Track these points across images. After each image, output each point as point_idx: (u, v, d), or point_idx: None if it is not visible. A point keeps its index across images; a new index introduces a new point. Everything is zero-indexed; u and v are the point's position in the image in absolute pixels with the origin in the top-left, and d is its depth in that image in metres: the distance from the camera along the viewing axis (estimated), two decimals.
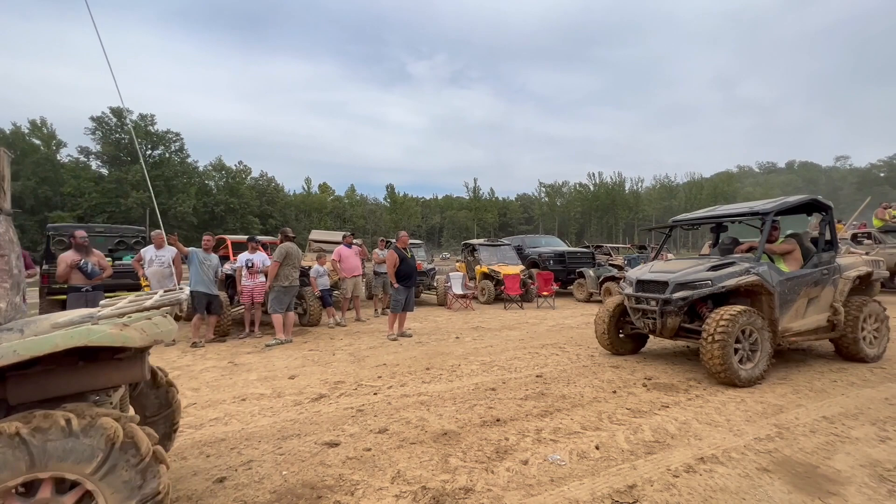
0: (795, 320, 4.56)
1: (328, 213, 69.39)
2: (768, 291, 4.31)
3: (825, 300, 4.77)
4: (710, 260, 4.73)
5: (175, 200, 50.67)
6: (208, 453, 2.92)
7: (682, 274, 4.49)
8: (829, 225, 4.96)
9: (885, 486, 2.37)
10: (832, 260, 4.88)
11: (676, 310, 4.41)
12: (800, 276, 4.57)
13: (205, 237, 6.91)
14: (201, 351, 6.15)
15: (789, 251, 4.83)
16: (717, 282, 4.25)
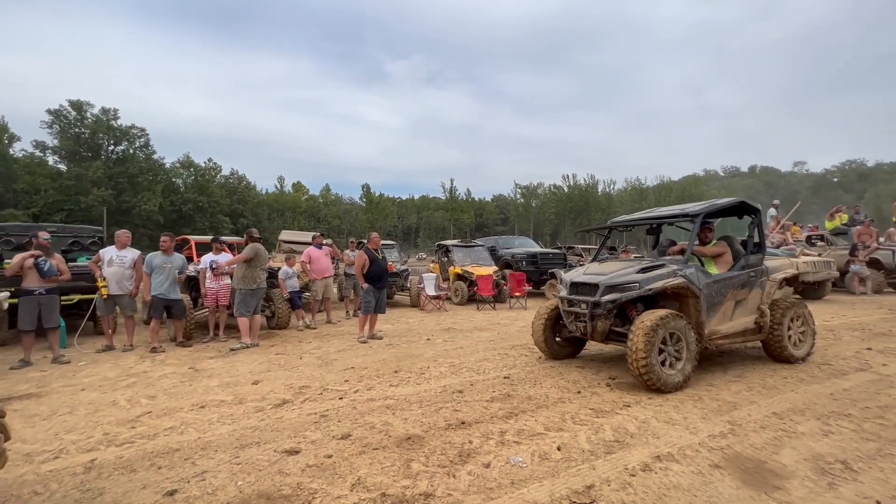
0: (723, 322, 4.58)
1: (302, 212, 68.13)
2: (694, 294, 4.29)
3: (753, 302, 4.81)
4: (642, 262, 4.69)
5: (140, 198, 48.65)
6: (160, 465, 2.81)
7: (612, 276, 4.41)
8: (757, 227, 4.99)
9: (826, 479, 2.49)
10: (760, 262, 4.92)
11: (606, 313, 4.33)
12: (727, 278, 4.58)
13: (162, 238, 6.67)
14: (161, 356, 5.92)
15: (720, 253, 4.85)
16: (645, 284, 4.19)
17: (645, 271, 4.33)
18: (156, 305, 6.33)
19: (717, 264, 4.82)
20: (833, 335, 6.45)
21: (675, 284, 4.21)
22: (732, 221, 5.99)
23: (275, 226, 57.78)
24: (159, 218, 50.04)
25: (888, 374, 4.45)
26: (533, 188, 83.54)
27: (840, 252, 12.26)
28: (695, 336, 4.19)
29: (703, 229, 4.93)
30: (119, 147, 51.98)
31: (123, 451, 3.01)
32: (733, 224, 5.71)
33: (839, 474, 2.54)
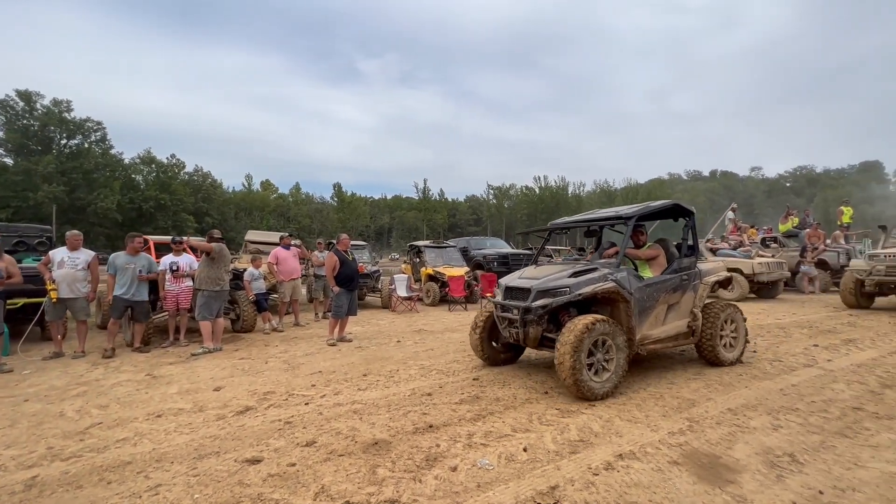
0: (655, 327, 4.50)
1: (271, 211, 66.41)
2: (625, 299, 4.19)
3: (685, 306, 4.76)
4: (576, 266, 4.56)
5: (96, 195, 46.14)
6: (109, 479, 2.66)
7: (544, 281, 4.28)
8: (691, 230, 4.98)
9: (775, 472, 2.62)
10: (693, 265, 4.86)
11: (537, 319, 4.16)
12: (659, 282, 4.51)
13: (136, 238, 6.41)
14: (115, 362, 5.63)
15: (654, 256, 4.80)
16: (576, 289, 4.06)
17: (577, 275, 4.21)
18: (117, 306, 6.04)
19: (652, 267, 4.78)
20: (784, 332, 6.81)
21: (605, 289, 4.09)
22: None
23: (242, 225, 56.11)
24: (117, 216, 47.59)
25: (832, 370, 4.73)
26: (505, 189, 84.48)
27: (791, 253, 12.98)
28: (625, 342, 4.08)
29: (635, 232, 4.88)
30: (72, 141, 49.16)
31: (69, 466, 2.83)
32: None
33: (787, 467, 2.68)
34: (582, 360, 3.75)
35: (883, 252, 8.96)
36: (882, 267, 8.67)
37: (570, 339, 3.76)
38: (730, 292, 10.90)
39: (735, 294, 10.77)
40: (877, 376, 4.46)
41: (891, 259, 8.65)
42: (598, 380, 3.90)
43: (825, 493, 2.39)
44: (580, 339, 3.75)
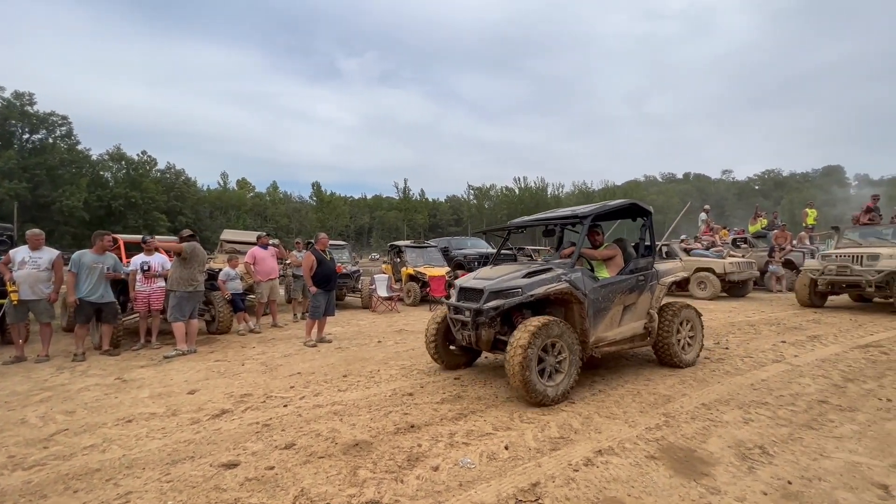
0: (611, 329, 4.40)
1: (247, 210, 64.98)
2: (578, 300, 4.05)
3: (642, 307, 4.68)
4: (531, 266, 4.43)
5: (61, 193, 44.23)
6: (76, 488, 2.55)
7: (497, 281, 4.13)
8: (649, 230, 4.93)
9: (746, 464, 2.71)
10: (650, 266, 4.77)
11: (489, 321, 4.00)
12: (614, 282, 4.42)
13: (105, 236, 6.14)
14: (82, 366, 5.40)
15: (610, 256, 4.72)
16: (527, 290, 3.91)
17: (531, 276, 4.07)
18: (84, 309, 5.78)
19: (609, 268, 4.70)
20: (754, 329, 7.05)
21: (558, 290, 3.95)
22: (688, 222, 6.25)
23: (217, 224, 54.70)
24: (84, 215, 45.76)
25: (799, 365, 4.92)
26: (486, 189, 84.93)
27: (760, 254, 13.47)
28: (578, 344, 3.97)
29: (592, 232, 4.81)
30: (36, 135, 46.98)
31: (32, 475, 2.70)
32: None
33: (758, 459, 2.77)
34: (532, 363, 3.61)
35: (834, 252, 9.25)
36: (833, 267, 8.90)
37: (519, 341, 3.61)
38: (702, 291, 11.24)
39: (707, 293, 11.11)
40: (839, 370, 4.67)
41: (841, 259, 8.90)
42: (550, 383, 3.76)
43: (793, 482, 2.48)
44: (530, 341, 3.61)
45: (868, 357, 5.20)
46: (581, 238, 4.46)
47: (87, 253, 5.94)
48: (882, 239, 9.44)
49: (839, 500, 2.31)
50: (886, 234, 9.59)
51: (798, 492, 2.39)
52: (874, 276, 8.25)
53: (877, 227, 10.06)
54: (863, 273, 8.40)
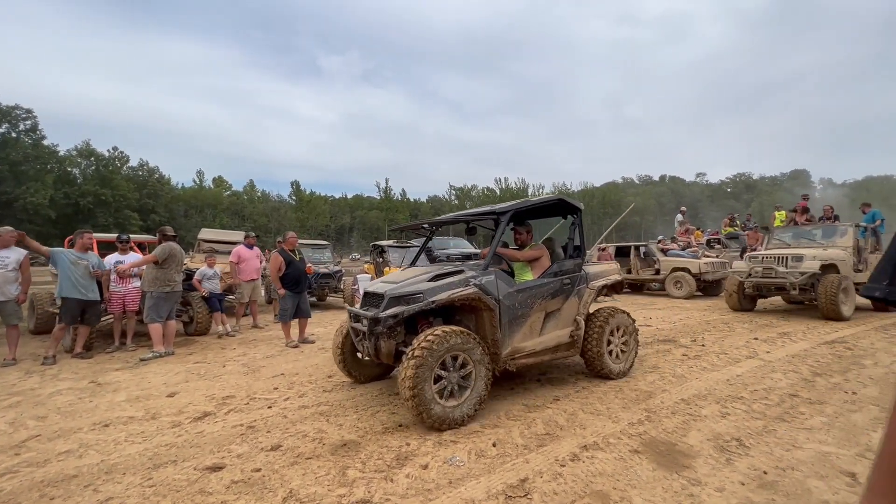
0: (530, 338, 3.96)
1: (224, 209, 63.55)
2: (488, 306, 3.61)
3: (568, 313, 4.23)
4: (443, 267, 3.98)
5: (25, 190, 42.35)
6: (52, 495, 2.46)
7: (399, 286, 3.67)
8: (578, 228, 4.56)
9: (724, 456, 2.81)
10: (578, 268, 4.35)
11: (387, 330, 3.46)
12: (534, 286, 3.99)
13: (86, 235, 5.94)
14: (53, 370, 5.20)
15: (535, 258, 4.30)
16: (429, 295, 3.46)
17: (437, 279, 3.64)
18: (71, 309, 5.56)
19: (534, 270, 4.27)
20: (728, 327, 7.30)
21: (464, 295, 3.52)
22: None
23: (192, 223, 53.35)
24: (50, 212, 43.98)
25: (771, 360, 5.12)
26: (467, 190, 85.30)
27: (733, 254, 13.93)
28: (488, 357, 3.52)
29: (517, 231, 4.47)
30: None
31: (4, 483, 2.60)
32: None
33: (735, 451, 2.88)
34: (426, 381, 3.15)
35: (761, 253, 8.82)
36: (759, 269, 8.49)
37: (413, 355, 3.16)
38: (679, 290, 11.57)
39: (683, 292, 11.44)
40: (808, 365, 4.88)
41: (767, 261, 8.47)
42: (450, 403, 3.31)
43: (769, 472, 2.59)
44: (424, 356, 3.16)
45: (834, 353, 5.45)
46: (497, 236, 4.00)
47: (69, 251, 5.74)
48: (810, 240, 9.13)
49: (811, 488, 2.42)
50: (815, 234, 9.25)
51: (773, 481, 2.50)
52: (797, 279, 7.90)
53: (805, 228, 9.72)
54: (787, 275, 8.03)
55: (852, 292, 7.86)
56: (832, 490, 2.39)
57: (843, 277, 7.71)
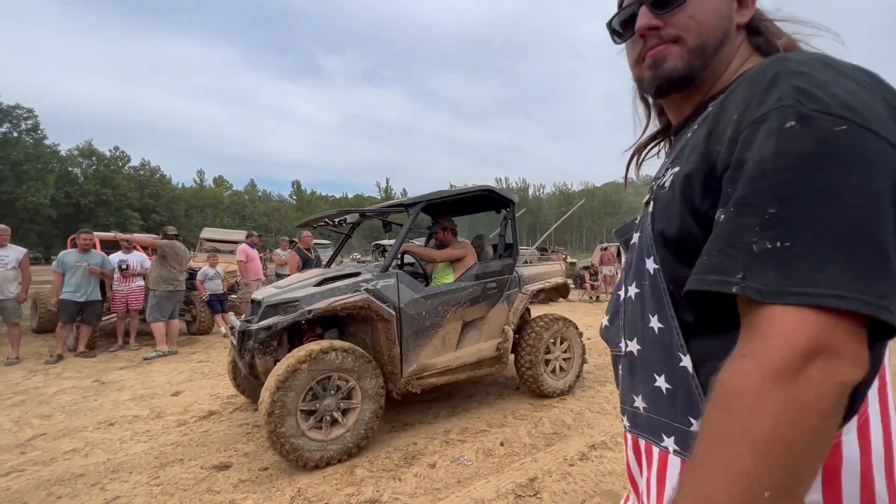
0: (443, 353, 3.37)
1: (224, 209, 63.65)
2: (382, 316, 3.04)
3: (494, 322, 3.66)
4: (339, 270, 3.42)
5: (26, 189, 42.39)
6: (59, 494, 2.44)
7: (280, 292, 3.13)
8: (510, 224, 3.97)
9: None
10: (509, 269, 3.77)
11: (259, 345, 2.87)
12: (446, 292, 3.39)
13: (84, 235, 5.93)
14: (56, 368, 5.19)
15: (457, 258, 3.70)
16: (307, 303, 2.91)
17: (325, 283, 3.10)
18: (68, 309, 5.57)
19: (457, 272, 3.66)
20: None
21: (349, 303, 2.95)
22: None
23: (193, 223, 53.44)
24: (51, 212, 44.02)
25: None
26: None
27: None
28: (381, 378, 2.97)
29: (440, 228, 3.94)
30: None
31: (11, 482, 2.58)
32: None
33: None
34: (293, 413, 2.61)
35: None
36: None
37: (272, 381, 2.60)
38: None
39: None
40: None
41: None
42: (321, 437, 2.70)
43: None
44: (285, 380, 2.58)
45: None
46: (403, 232, 3.48)
47: (72, 252, 5.76)
48: None
49: None
50: None
51: None
52: None
53: None
54: None
55: None
56: None
57: None
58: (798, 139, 0.42)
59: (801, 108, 0.43)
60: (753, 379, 0.39)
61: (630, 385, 0.65)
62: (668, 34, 0.62)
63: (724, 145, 0.49)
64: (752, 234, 0.43)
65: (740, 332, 0.44)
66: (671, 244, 0.55)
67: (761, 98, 0.47)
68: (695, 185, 0.52)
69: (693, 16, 0.61)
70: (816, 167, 0.41)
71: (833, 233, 0.40)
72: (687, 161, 0.55)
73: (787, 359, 0.38)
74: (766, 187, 0.42)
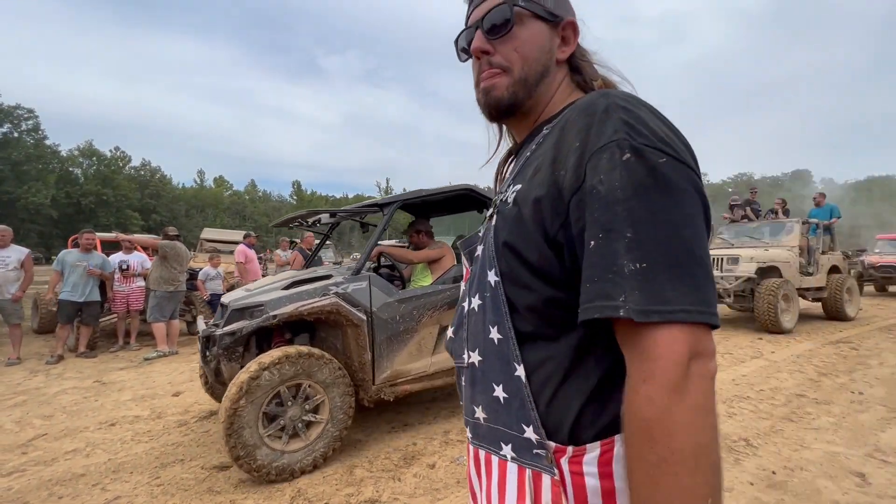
0: (418, 359, 3.24)
1: (225, 209, 63.71)
2: (352, 321, 2.93)
3: None
4: (311, 272, 3.27)
5: (27, 189, 42.41)
6: (61, 494, 2.46)
7: (247, 295, 3.03)
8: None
9: (732, 456, 2.80)
10: None
11: (224, 352, 2.77)
12: (422, 295, 3.26)
13: (86, 235, 5.95)
14: (57, 369, 5.20)
15: (433, 259, 3.62)
16: (272, 307, 2.80)
17: (294, 286, 3.00)
18: (67, 310, 5.58)
19: (435, 274, 3.60)
20: (732, 326, 7.29)
21: (316, 307, 2.85)
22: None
23: (193, 223, 53.49)
24: (52, 212, 44.04)
25: (776, 360, 5.11)
26: None
27: None
28: (349, 385, 2.84)
29: (413, 231, 3.86)
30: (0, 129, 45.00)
31: (13, 482, 2.60)
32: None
33: (742, 451, 2.87)
34: (255, 422, 2.50)
35: None
36: None
37: (232, 390, 2.49)
38: None
39: None
40: (814, 365, 4.87)
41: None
42: (289, 447, 2.61)
43: (777, 472, 2.58)
44: (245, 389, 2.47)
45: (839, 353, 5.44)
46: (377, 232, 3.38)
47: (73, 252, 5.78)
48: (756, 238, 8.05)
49: (820, 488, 2.42)
50: (763, 231, 8.15)
51: (782, 481, 2.49)
52: (731, 284, 6.79)
53: (749, 225, 8.63)
54: (720, 280, 6.92)
55: (796, 300, 6.90)
56: (842, 490, 2.39)
57: (783, 282, 6.65)
58: (636, 169, 0.49)
59: (633, 141, 0.50)
60: (660, 401, 0.44)
61: (472, 396, 0.66)
62: (497, 62, 0.67)
63: (568, 171, 0.53)
64: (621, 256, 0.47)
65: (625, 353, 0.49)
66: (520, 257, 0.57)
67: (599, 129, 0.52)
68: (545, 208, 0.55)
69: (517, 48, 0.66)
70: (650, 194, 0.48)
71: (672, 253, 0.47)
72: (532, 182, 0.58)
73: (678, 373, 0.44)
74: (620, 213, 0.48)
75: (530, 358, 0.58)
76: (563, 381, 0.55)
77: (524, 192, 0.59)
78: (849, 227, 34.18)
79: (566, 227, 0.53)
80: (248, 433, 2.46)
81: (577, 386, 0.55)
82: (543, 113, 0.70)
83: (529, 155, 0.65)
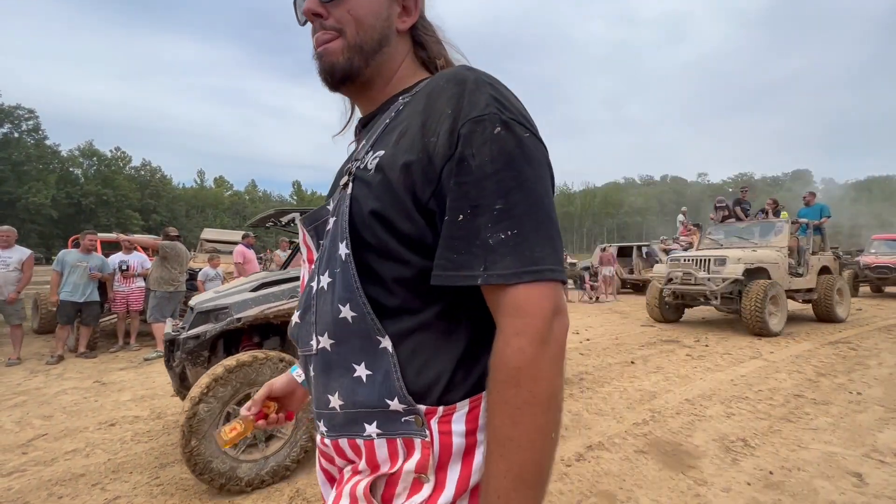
0: None
1: (225, 209, 63.72)
2: None
3: None
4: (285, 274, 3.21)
5: (27, 189, 42.46)
6: (60, 494, 2.47)
7: (214, 297, 2.97)
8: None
9: (730, 456, 2.81)
10: None
11: (188, 356, 2.70)
12: None
13: (88, 236, 5.97)
14: (57, 369, 5.22)
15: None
16: (237, 310, 2.75)
17: (264, 287, 2.95)
18: (66, 310, 5.59)
19: None
20: (731, 327, 7.29)
21: (283, 311, 2.79)
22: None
23: (193, 223, 53.50)
24: (52, 212, 44.08)
25: (774, 361, 5.12)
26: None
27: None
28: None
29: None
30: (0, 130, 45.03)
31: (13, 482, 2.61)
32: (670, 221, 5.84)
33: (740, 451, 2.88)
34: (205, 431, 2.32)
35: (682, 255, 7.71)
36: (680, 273, 7.23)
37: (194, 392, 2.37)
38: None
39: None
40: (812, 366, 4.88)
41: (687, 264, 7.17)
42: (248, 457, 2.48)
43: (775, 472, 2.59)
44: (205, 396, 2.34)
45: (838, 353, 5.45)
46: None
47: (73, 252, 5.80)
48: (745, 239, 7.92)
49: (818, 488, 2.42)
50: (753, 231, 8.03)
51: (779, 481, 2.50)
52: (718, 286, 6.69)
53: (737, 225, 8.53)
54: (707, 282, 6.81)
55: (784, 302, 6.76)
56: (839, 490, 2.39)
57: (771, 284, 6.52)
58: (507, 142, 0.53)
59: (503, 115, 0.53)
60: (530, 352, 0.49)
61: (325, 384, 0.62)
62: (329, 24, 0.65)
63: (440, 137, 0.54)
64: (486, 230, 0.51)
65: (497, 313, 0.53)
66: (391, 227, 0.56)
67: (471, 99, 0.54)
68: (415, 174, 0.55)
69: (350, 10, 0.64)
70: (519, 165, 0.52)
71: (538, 218, 0.52)
72: (398, 147, 0.57)
73: (545, 327, 0.50)
74: (490, 187, 0.51)
75: (393, 329, 0.57)
76: (433, 349, 0.57)
77: (389, 157, 0.57)
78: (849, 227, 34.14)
79: (438, 196, 0.54)
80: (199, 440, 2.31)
81: (446, 351, 0.57)
82: (391, 85, 0.68)
83: (389, 122, 0.63)
